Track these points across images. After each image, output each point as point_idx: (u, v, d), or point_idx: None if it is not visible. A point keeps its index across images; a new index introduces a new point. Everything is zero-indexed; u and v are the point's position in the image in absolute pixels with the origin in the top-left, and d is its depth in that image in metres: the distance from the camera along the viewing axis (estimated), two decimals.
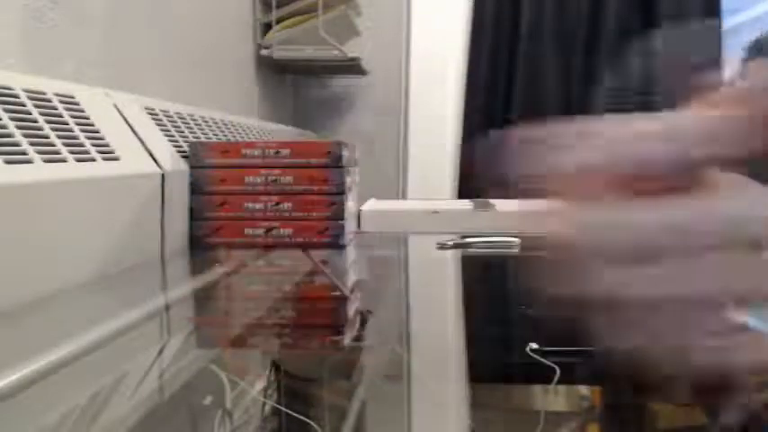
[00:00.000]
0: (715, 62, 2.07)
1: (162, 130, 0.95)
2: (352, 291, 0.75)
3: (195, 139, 1.04)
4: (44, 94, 0.71)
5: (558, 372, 0.41)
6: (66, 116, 0.73)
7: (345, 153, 0.96)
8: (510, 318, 0.64)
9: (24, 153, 0.62)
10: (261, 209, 0.95)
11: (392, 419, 0.39)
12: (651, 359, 0.26)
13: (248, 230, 0.95)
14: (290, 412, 0.38)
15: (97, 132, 0.77)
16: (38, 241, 0.61)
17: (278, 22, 1.78)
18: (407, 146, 2.20)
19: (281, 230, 0.95)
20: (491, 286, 0.87)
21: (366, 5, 1.98)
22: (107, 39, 0.97)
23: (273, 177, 0.95)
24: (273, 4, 1.77)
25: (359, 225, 1.16)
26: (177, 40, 1.25)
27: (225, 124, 1.27)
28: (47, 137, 0.67)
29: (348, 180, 0.98)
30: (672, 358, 0.26)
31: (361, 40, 1.98)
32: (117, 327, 0.54)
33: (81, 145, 0.72)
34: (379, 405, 0.41)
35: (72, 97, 0.77)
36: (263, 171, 0.95)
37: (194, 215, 0.94)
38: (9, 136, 0.62)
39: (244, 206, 0.95)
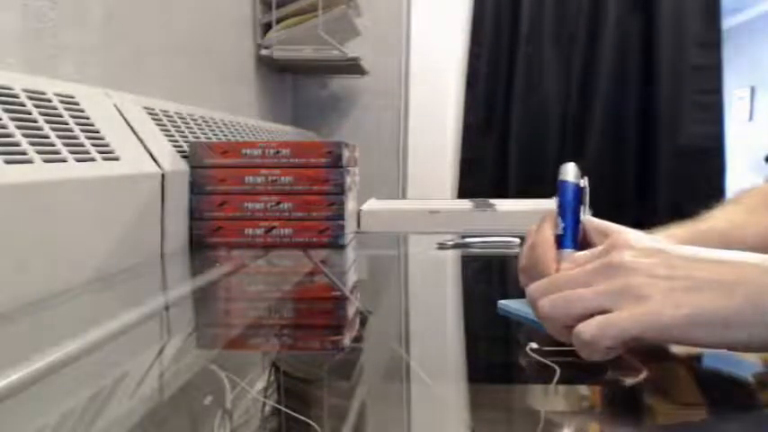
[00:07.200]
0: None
1: (162, 130, 0.95)
2: (352, 291, 0.75)
3: (195, 139, 1.04)
4: (44, 94, 0.72)
5: (558, 372, 0.41)
6: (66, 116, 0.73)
7: (345, 153, 0.96)
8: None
9: (24, 153, 0.62)
10: (261, 209, 0.95)
11: (392, 419, 0.39)
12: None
13: (248, 230, 0.95)
14: (290, 412, 0.38)
15: (97, 132, 0.77)
16: (38, 241, 0.61)
17: (278, 21, 1.78)
18: (407, 146, 2.20)
19: (281, 230, 0.95)
20: (491, 286, 0.87)
21: (366, 5, 1.98)
22: (107, 39, 0.97)
23: (273, 177, 0.95)
24: (273, 4, 1.77)
25: (359, 225, 1.16)
26: (177, 39, 1.25)
27: (225, 124, 1.27)
28: (47, 137, 0.67)
29: (348, 180, 0.98)
30: None
31: (361, 40, 1.98)
32: (117, 327, 0.54)
33: (81, 145, 0.72)
34: (379, 405, 0.41)
35: (72, 97, 0.77)
36: (263, 171, 0.95)
37: (194, 215, 0.94)
38: (9, 136, 0.62)
39: (244, 206, 0.95)
